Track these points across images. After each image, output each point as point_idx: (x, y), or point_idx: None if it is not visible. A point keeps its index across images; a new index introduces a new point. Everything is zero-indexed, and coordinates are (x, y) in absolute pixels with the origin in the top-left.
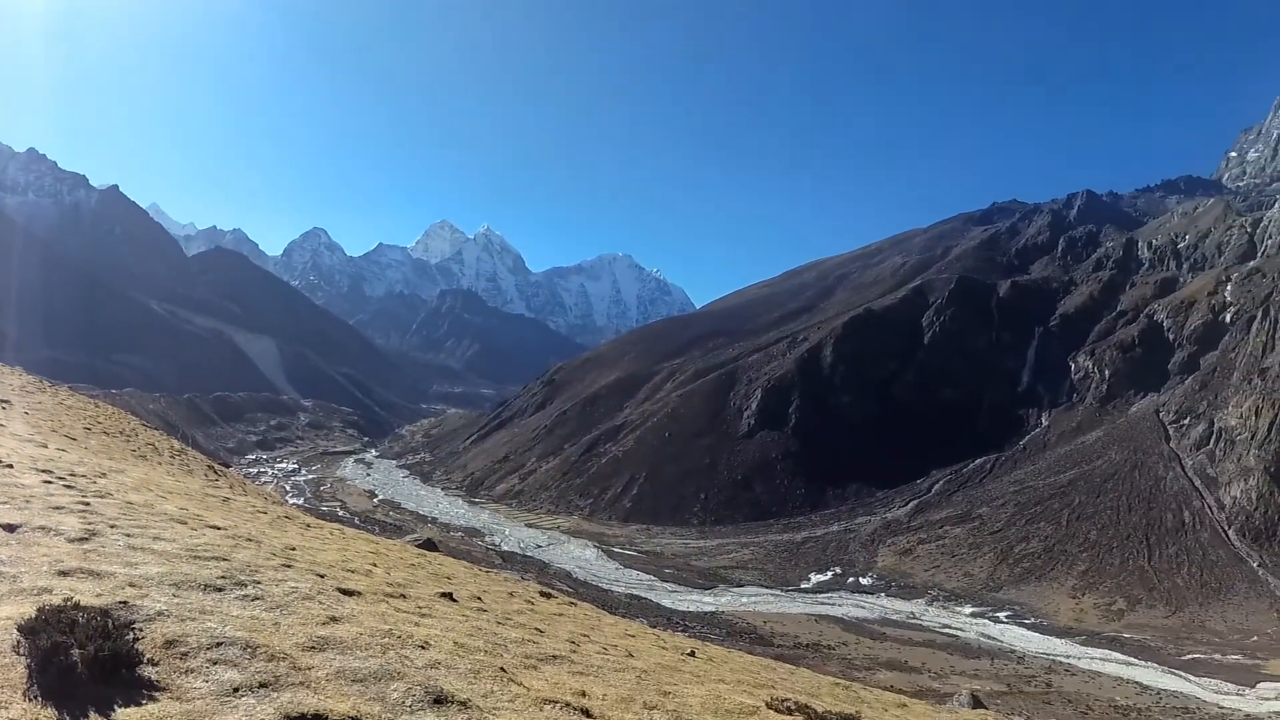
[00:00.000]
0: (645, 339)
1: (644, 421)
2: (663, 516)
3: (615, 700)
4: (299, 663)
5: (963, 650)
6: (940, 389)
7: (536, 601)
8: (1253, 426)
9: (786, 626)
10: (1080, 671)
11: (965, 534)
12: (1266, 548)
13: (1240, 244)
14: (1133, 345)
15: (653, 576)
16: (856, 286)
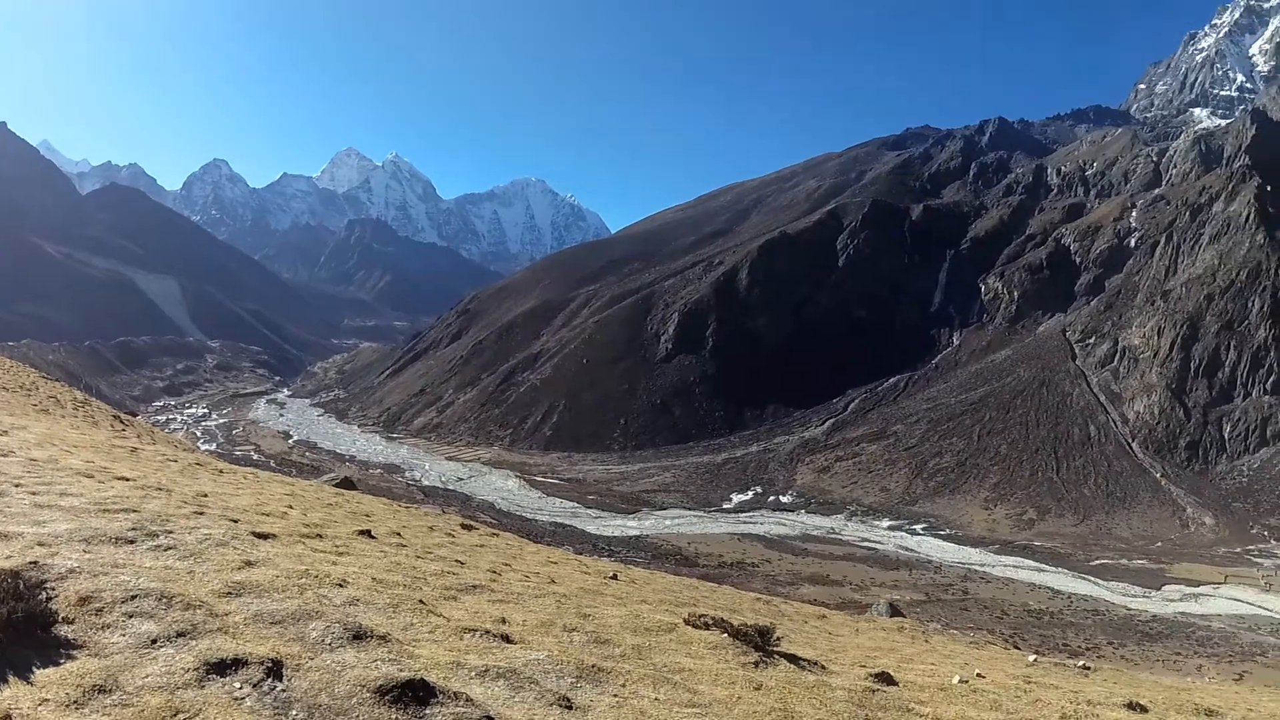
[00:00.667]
0: (560, 265)
1: (561, 349)
2: (583, 443)
3: (535, 625)
4: (216, 609)
5: (882, 562)
6: (854, 310)
7: (458, 534)
8: (1155, 345)
9: (710, 547)
10: (994, 579)
11: (881, 451)
12: (1168, 459)
13: (1146, 173)
14: (1041, 268)
15: (576, 503)
16: (772, 210)
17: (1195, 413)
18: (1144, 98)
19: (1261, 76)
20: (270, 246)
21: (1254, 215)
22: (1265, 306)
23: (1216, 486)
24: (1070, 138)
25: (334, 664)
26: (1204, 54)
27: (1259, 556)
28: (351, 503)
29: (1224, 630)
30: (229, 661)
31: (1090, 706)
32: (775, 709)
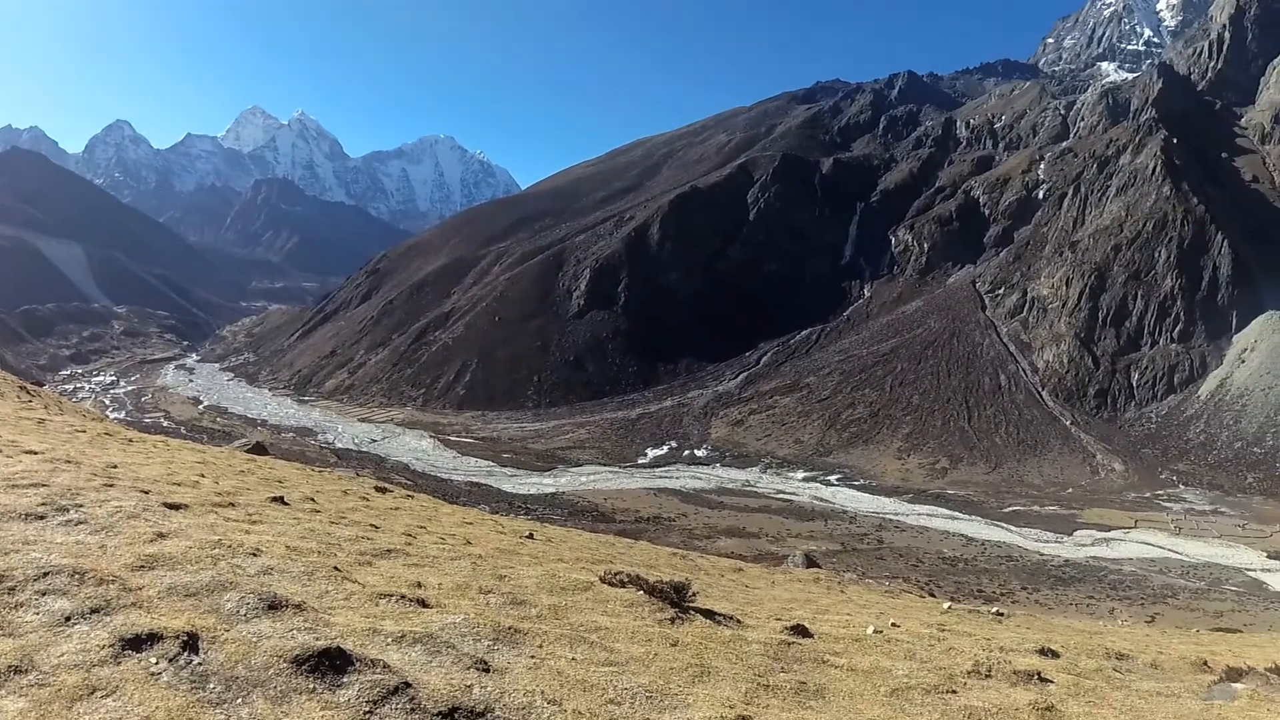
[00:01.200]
0: (470, 222)
1: (473, 307)
2: (497, 401)
3: (451, 588)
4: (129, 584)
5: (797, 514)
6: (766, 264)
7: (372, 497)
8: (1063, 296)
9: (626, 502)
10: (909, 527)
11: (794, 403)
12: (1077, 407)
13: (1054, 125)
14: (950, 220)
15: (491, 462)
16: (682, 165)
17: (1104, 361)
18: (1052, 52)
19: (1168, 31)
20: (176, 209)
21: (1160, 167)
22: (1171, 257)
23: (1125, 433)
24: (979, 91)
25: (250, 635)
26: (1112, 9)
27: (1168, 501)
28: (263, 469)
29: (1135, 574)
30: (144, 636)
31: (1003, 653)
32: (692, 665)
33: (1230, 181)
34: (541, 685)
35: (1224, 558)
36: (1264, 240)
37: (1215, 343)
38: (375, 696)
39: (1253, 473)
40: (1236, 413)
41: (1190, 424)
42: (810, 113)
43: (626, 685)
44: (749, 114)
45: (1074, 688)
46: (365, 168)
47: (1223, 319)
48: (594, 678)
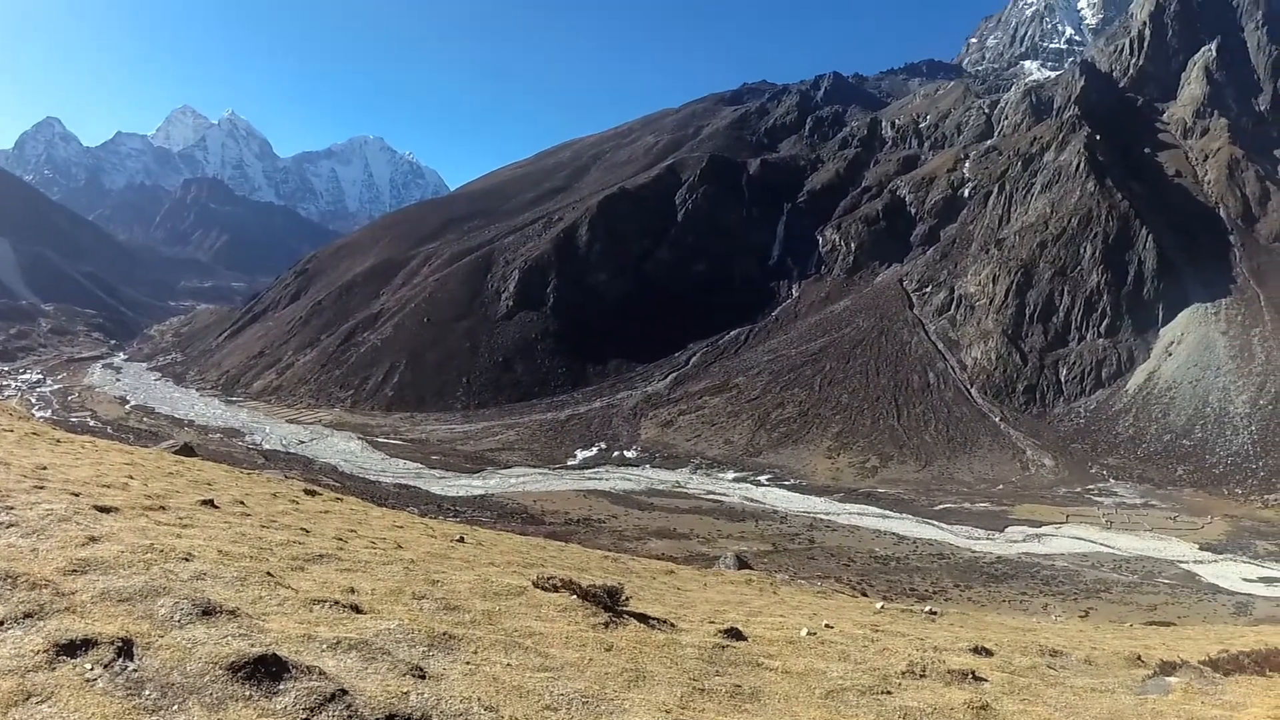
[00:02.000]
0: (400, 223)
1: (402, 308)
2: (426, 403)
3: (384, 593)
4: (62, 588)
5: (728, 514)
6: (694, 264)
7: (301, 500)
8: (990, 293)
9: (556, 504)
10: (840, 527)
11: (724, 403)
12: (1006, 403)
13: (978, 124)
14: (877, 219)
15: (420, 464)
16: (610, 166)
17: (1031, 357)
18: (976, 51)
19: (1090, 29)
20: (105, 206)
21: (1084, 164)
22: (1096, 252)
23: (1055, 429)
24: (904, 91)
25: (185, 641)
26: (1034, 8)
27: (1098, 495)
28: (192, 471)
29: (1068, 569)
30: (79, 642)
31: (937, 653)
32: (627, 670)
33: (1153, 176)
34: (478, 691)
35: (1156, 551)
36: (1188, 234)
37: (1142, 337)
38: (312, 704)
39: (1183, 465)
40: (1165, 406)
41: (1119, 418)
42: (737, 114)
43: (562, 691)
44: (677, 116)
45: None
46: (295, 168)
47: (1149, 313)
48: (530, 683)
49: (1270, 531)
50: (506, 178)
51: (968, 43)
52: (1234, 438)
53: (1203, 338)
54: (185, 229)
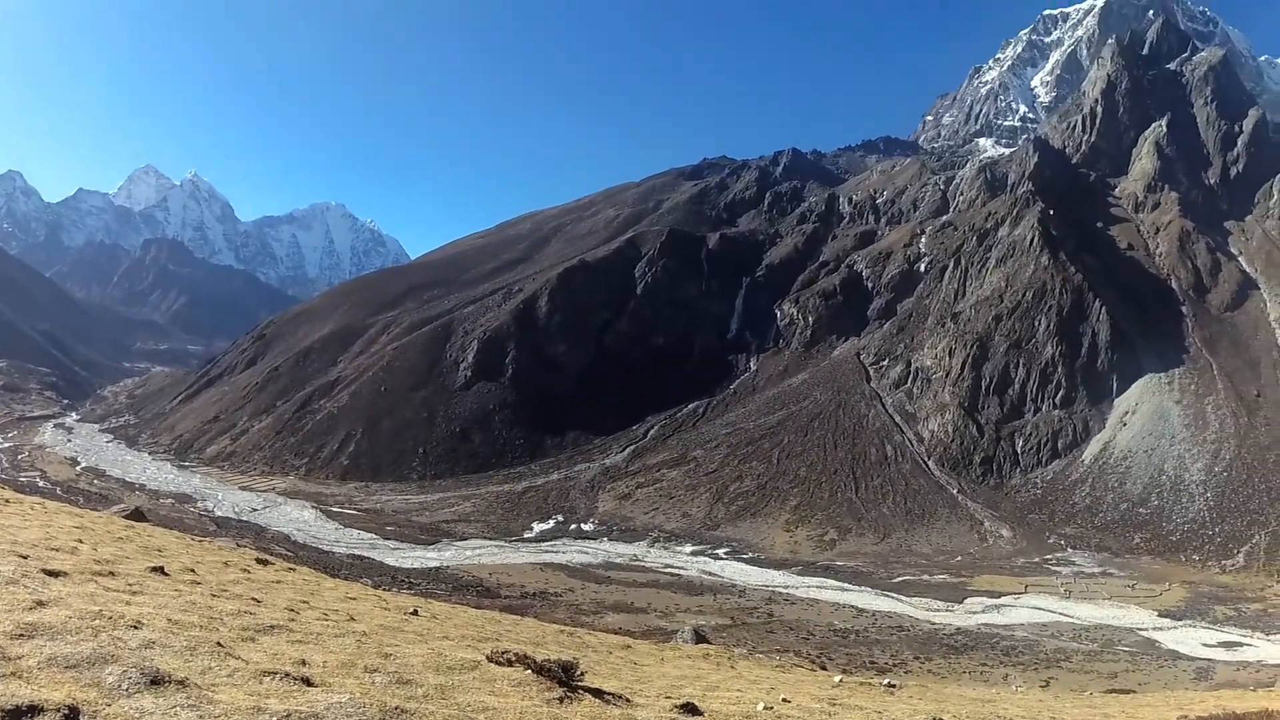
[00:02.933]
0: (359, 291)
1: (359, 376)
2: (382, 472)
3: (336, 666)
4: (8, 652)
5: (686, 588)
6: (653, 337)
7: (253, 569)
8: (946, 366)
9: (513, 577)
10: (799, 600)
11: (682, 476)
12: (963, 475)
13: (934, 200)
14: (834, 293)
15: (374, 535)
16: (571, 238)
17: (988, 429)
18: (932, 129)
19: (1043, 107)
20: (64, 263)
21: (1038, 238)
22: (1051, 325)
23: (1012, 499)
24: (861, 167)
25: (132, 711)
26: (989, 87)
27: (1056, 565)
28: (143, 536)
29: (1028, 638)
30: (24, 708)
31: None
32: None
33: (1106, 250)
34: None
35: (1115, 618)
36: (1141, 305)
37: (1097, 407)
38: None
39: (1139, 533)
40: (1121, 475)
41: (1076, 488)
42: (697, 189)
43: None
44: (637, 189)
45: None
46: (256, 232)
47: (1103, 384)
48: None
49: (1228, 597)
50: (467, 248)
51: (924, 120)
52: (1190, 505)
53: (1157, 407)
54: (143, 289)
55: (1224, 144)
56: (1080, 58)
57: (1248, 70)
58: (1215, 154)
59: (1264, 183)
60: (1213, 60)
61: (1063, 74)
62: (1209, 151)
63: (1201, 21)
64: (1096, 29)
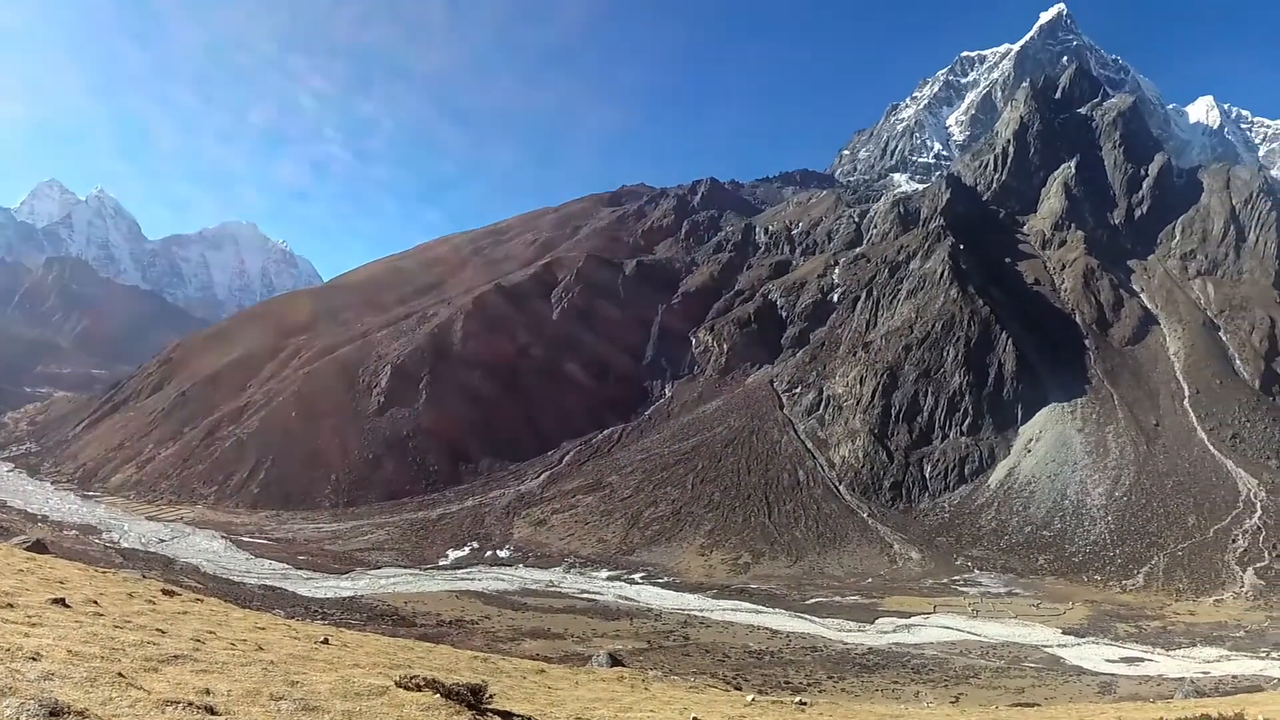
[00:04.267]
0: (270, 313)
1: (269, 401)
2: (293, 501)
3: (241, 695)
4: None
5: (603, 613)
6: (569, 363)
7: (159, 601)
8: (858, 394)
9: (428, 605)
10: (714, 623)
11: (597, 502)
12: (873, 499)
13: (848, 232)
14: (749, 321)
15: (286, 565)
16: (488, 262)
17: (898, 455)
18: (848, 163)
19: (957, 145)
20: None
21: (948, 271)
22: (959, 355)
23: (921, 523)
24: (778, 199)
25: None
26: (905, 124)
27: (964, 585)
28: (44, 568)
29: (937, 656)
30: None
31: None
32: None
33: (1014, 284)
34: None
35: (1021, 636)
36: (1046, 338)
37: (1002, 434)
38: None
39: (1043, 555)
40: (1025, 499)
41: (982, 512)
42: (615, 215)
43: None
44: (556, 215)
45: None
46: (164, 251)
47: (1009, 412)
48: None
49: (1129, 615)
50: (382, 271)
51: (840, 154)
52: (1091, 528)
53: (1060, 435)
54: (45, 310)
55: (1130, 186)
56: (995, 99)
57: (1156, 118)
58: (1121, 196)
59: (1167, 224)
60: (1122, 106)
61: (977, 114)
62: (1115, 193)
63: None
64: (1012, 72)
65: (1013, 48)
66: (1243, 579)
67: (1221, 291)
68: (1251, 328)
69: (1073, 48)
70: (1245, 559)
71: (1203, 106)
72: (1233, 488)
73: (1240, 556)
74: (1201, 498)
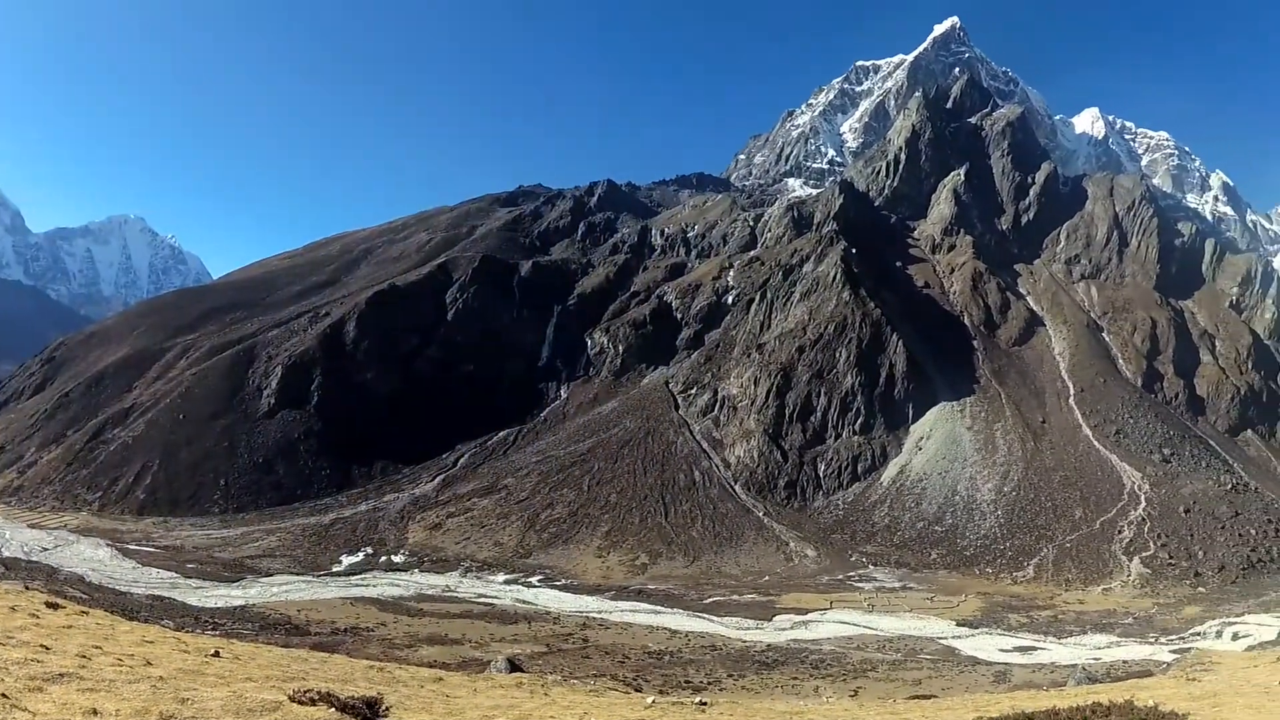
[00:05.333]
0: (158, 311)
1: (156, 403)
2: (181, 506)
3: (130, 714)
4: None
5: (501, 617)
6: (464, 364)
7: (42, 614)
8: (752, 394)
9: (322, 613)
10: (613, 624)
11: (493, 505)
12: (769, 498)
13: (743, 236)
14: (644, 323)
15: (175, 573)
16: (382, 261)
17: (792, 454)
18: (744, 167)
19: (850, 152)
20: None
21: (840, 275)
22: (851, 356)
23: (815, 521)
24: (674, 202)
25: None
26: (800, 130)
27: (859, 581)
28: None
29: (835, 651)
30: None
31: None
32: None
33: (904, 287)
34: None
35: (917, 629)
36: (934, 339)
37: (894, 433)
38: None
39: (936, 549)
40: (917, 496)
41: (875, 509)
42: (512, 215)
43: None
44: (451, 214)
45: None
46: (48, 244)
47: (900, 412)
48: None
49: (1020, 605)
50: (273, 268)
51: (736, 158)
52: (982, 522)
53: (950, 433)
54: None
55: (1017, 194)
56: (888, 108)
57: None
58: (1009, 202)
59: (1052, 230)
60: (1011, 117)
61: (871, 122)
62: (1003, 200)
63: (1003, 81)
64: (905, 82)
65: (907, 58)
66: (1129, 568)
67: (1105, 294)
68: (1133, 329)
69: (965, 59)
70: (1131, 549)
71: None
72: (1117, 481)
73: (1126, 546)
74: (1088, 491)
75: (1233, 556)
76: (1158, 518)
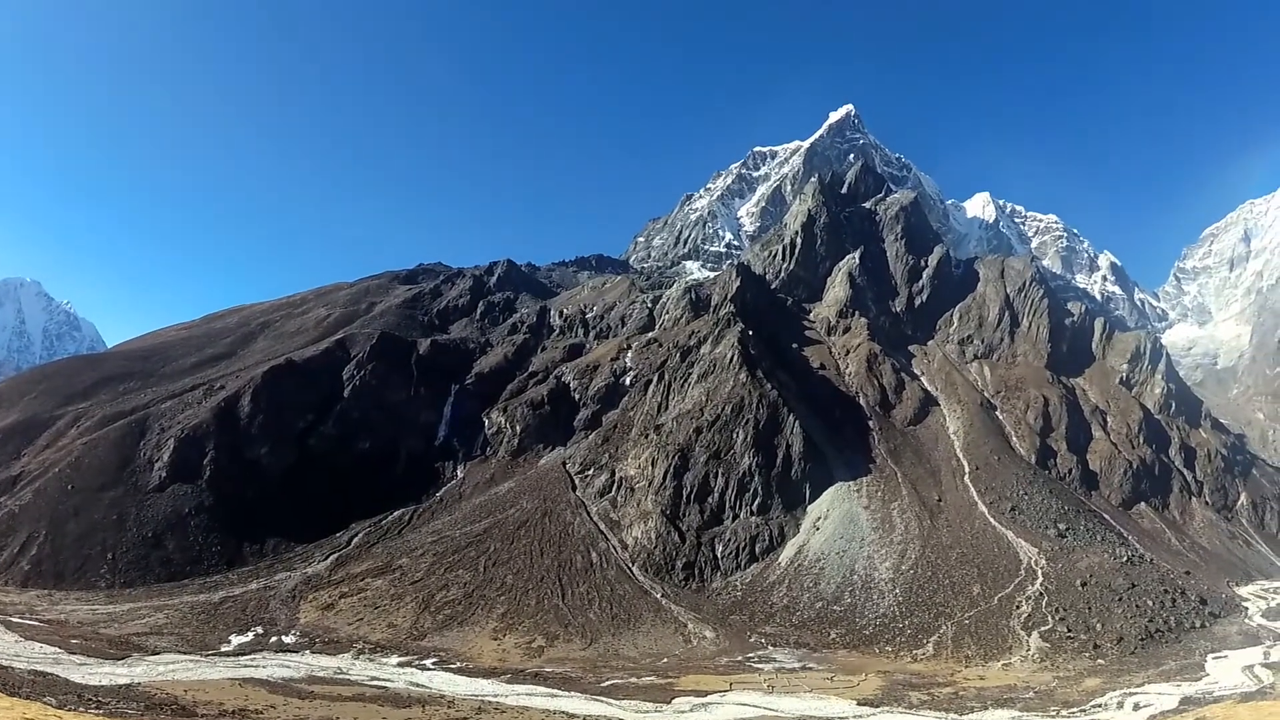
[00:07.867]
0: (50, 377)
1: (45, 472)
2: (67, 579)
3: None
4: None
5: (394, 700)
6: (360, 442)
7: None
8: (649, 475)
9: (210, 694)
10: (509, 708)
11: (387, 585)
12: (667, 580)
13: (641, 317)
14: (542, 403)
15: (59, 649)
16: (279, 335)
17: (689, 535)
18: (642, 249)
19: (747, 235)
20: None
21: (737, 357)
22: (748, 437)
23: (714, 602)
24: (574, 282)
25: None
26: (698, 214)
27: (759, 662)
28: None
29: None
30: None
31: None
32: None
33: (800, 369)
34: None
35: (817, 709)
36: (831, 420)
37: (792, 513)
38: None
39: (835, 629)
40: (815, 575)
41: (774, 589)
42: (411, 293)
43: None
44: (351, 290)
45: None
46: None
47: (797, 491)
48: None
49: (921, 683)
50: (169, 339)
51: (635, 241)
52: (880, 601)
53: (847, 512)
54: None
55: (910, 276)
56: (785, 193)
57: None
58: (902, 285)
59: (945, 312)
60: (904, 201)
61: (768, 206)
62: (897, 282)
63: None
64: (801, 167)
65: (803, 144)
66: (1028, 642)
67: (997, 374)
68: (1026, 406)
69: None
70: (1030, 623)
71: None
72: (1014, 557)
73: (1025, 621)
74: (985, 567)
75: (1130, 627)
76: (1055, 592)
